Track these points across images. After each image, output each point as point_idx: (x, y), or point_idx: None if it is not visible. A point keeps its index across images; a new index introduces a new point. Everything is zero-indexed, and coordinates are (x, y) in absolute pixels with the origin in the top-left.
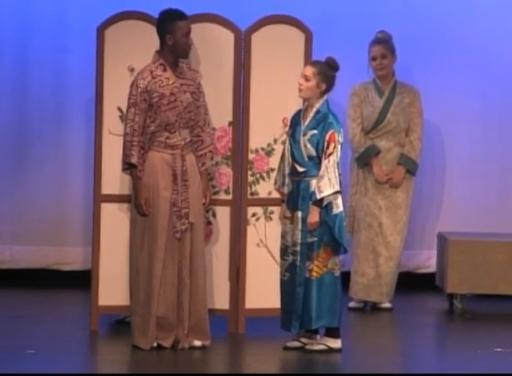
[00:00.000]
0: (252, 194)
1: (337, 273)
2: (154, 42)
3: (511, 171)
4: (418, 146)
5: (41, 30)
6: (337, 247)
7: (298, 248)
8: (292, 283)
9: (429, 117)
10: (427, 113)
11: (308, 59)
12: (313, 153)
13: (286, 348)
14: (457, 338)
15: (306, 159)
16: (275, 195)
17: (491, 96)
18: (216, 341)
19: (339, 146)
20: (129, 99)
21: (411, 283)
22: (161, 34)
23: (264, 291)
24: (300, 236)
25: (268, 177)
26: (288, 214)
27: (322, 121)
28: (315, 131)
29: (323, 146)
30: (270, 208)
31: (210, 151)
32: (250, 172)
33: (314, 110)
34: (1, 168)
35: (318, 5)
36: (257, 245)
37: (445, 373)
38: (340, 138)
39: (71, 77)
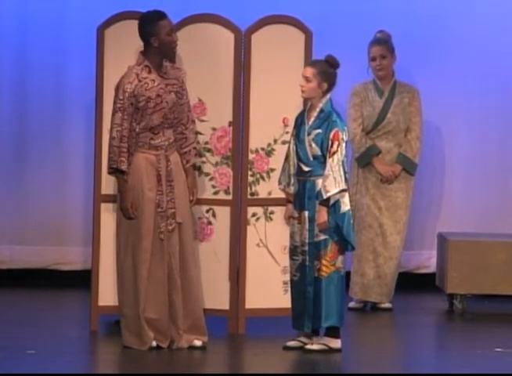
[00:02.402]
0: (252, 194)
1: (343, 272)
2: None
3: (511, 171)
4: (416, 145)
5: (41, 30)
6: (344, 245)
7: (306, 248)
8: (302, 283)
9: (429, 117)
10: (427, 113)
11: (308, 59)
12: (318, 152)
13: (285, 348)
14: (457, 338)
15: (311, 158)
16: (275, 195)
17: (490, 96)
18: (216, 341)
19: (343, 145)
20: (115, 103)
21: (411, 283)
22: (145, 37)
23: (264, 291)
24: (307, 236)
25: (268, 177)
26: (295, 214)
27: (326, 120)
28: (320, 131)
29: (328, 145)
30: (270, 208)
31: (194, 148)
32: (250, 172)
33: (317, 109)
34: (1, 168)
35: (318, 5)
36: (257, 245)
37: (445, 373)
38: (344, 136)
39: (71, 77)
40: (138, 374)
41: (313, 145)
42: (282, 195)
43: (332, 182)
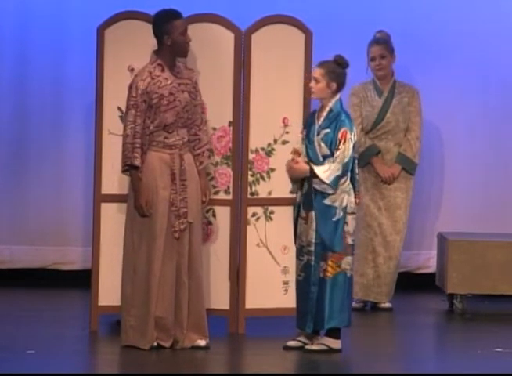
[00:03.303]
0: (252, 194)
1: (349, 273)
2: (154, 42)
3: (511, 171)
4: (416, 145)
5: (41, 30)
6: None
7: (312, 248)
8: (306, 283)
9: (428, 116)
10: (427, 113)
11: (309, 59)
12: (327, 152)
13: (286, 348)
14: (457, 338)
15: (321, 158)
16: (276, 195)
17: (490, 96)
18: (216, 341)
19: (350, 145)
20: (129, 100)
21: (411, 283)
22: (158, 35)
23: (264, 290)
24: (314, 236)
25: (268, 177)
26: (303, 214)
27: (335, 120)
28: (328, 130)
29: (336, 144)
30: (270, 208)
31: (207, 150)
32: (250, 172)
33: (327, 109)
34: (1, 168)
35: (318, 5)
36: (257, 245)
37: (445, 373)
38: (352, 136)
39: (71, 77)
40: (139, 374)
41: (322, 145)
42: (282, 195)
43: (326, 169)
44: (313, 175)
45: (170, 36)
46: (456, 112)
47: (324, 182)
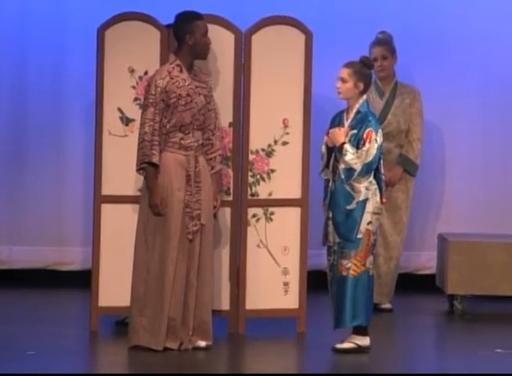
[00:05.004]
0: (252, 195)
1: (371, 272)
2: (154, 43)
3: (511, 172)
4: (417, 146)
5: (41, 30)
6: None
7: (336, 248)
8: (333, 282)
9: (429, 117)
10: (428, 113)
11: (309, 60)
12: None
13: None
14: (457, 339)
15: None
16: (276, 196)
17: (491, 96)
18: (216, 342)
19: (375, 145)
20: (147, 98)
21: (411, 284)
22: (180, 35)
23: (264, 291)
24: (337, 236)
25: (269, 178)
26: (330, 214)
27: (362, 121)
28: (356, 131)
29: (361, 144)
30: (270, 209)
31: (219, 155)
32: (250, 173)
33: (354, 110)
34: (1, 168)
35: (318, 5)
36: (258, 246)
37: (445, 373)
38: (377, 137)
39: (71, 77)
40: (139, 374)
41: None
42: (282, 196)
43: (353, 157)
44: (340, 149)
45: (192, 35)
46: (456, 113)
47: (343, 162)
